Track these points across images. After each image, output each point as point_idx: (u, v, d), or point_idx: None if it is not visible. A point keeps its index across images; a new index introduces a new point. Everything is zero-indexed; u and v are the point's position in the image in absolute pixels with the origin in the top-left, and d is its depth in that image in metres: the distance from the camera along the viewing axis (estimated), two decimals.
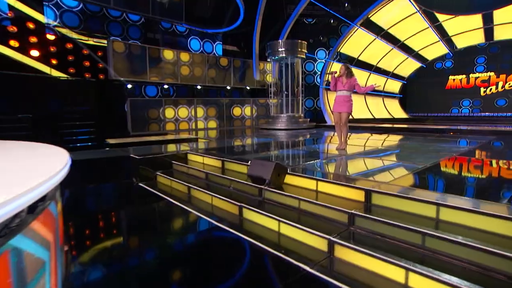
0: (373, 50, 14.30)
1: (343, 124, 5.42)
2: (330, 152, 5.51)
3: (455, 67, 16.06)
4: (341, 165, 4.45)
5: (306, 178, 3.71)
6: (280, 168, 3.85)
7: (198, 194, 4.32)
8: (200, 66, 11.72)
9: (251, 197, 3.87)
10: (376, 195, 3.01)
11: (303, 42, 11.86)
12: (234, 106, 12.60)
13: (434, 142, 6.75)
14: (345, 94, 5.27)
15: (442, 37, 14.47)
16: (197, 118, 11.61)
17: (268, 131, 11.03)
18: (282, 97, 12.41)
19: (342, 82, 5.30)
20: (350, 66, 5.42)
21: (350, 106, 5.35)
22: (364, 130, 10.31)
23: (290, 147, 6.36)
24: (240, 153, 5.66)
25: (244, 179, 4.12)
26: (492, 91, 15.13)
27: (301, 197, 3.35)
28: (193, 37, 12.28)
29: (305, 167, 4.27)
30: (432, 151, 5.28)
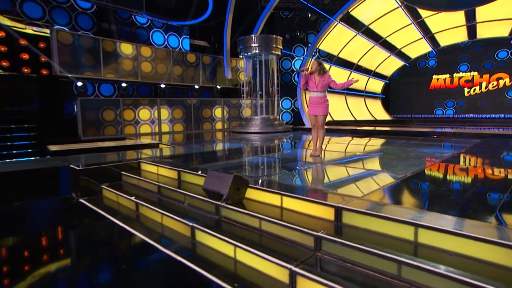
0: (354, 47, 14.39)
1: (319, 127, 5.27)
2: (304, 160, 5.32)
3: (438, 66, 16.51)
4: (312, 176, 4.23)
5: (269, 192, 3.43)
6: (240, 181, 3.55)
7: (147, 212, 3.94)
8: (164, 62, 11.34)
9: (207, 215, 3.56)
10: (347, 213, 2.77)
11: (279, 38, 11.73)
12: (203, 107, 12.30)
13: (417, 146, 6.75)
14: (320, 95, 5.10)
15: (425, 34, 14.78)
16: (161, 121, 11.18)
17: (240, 134, 10.88)
18: (256, 97, 12.17)
19: (315, 81, 5.11)
20: (322, 61, 5.22)
21: (326, 107, 5.18)
22: (345, 134, 10.35)
23: (260, 154, 6.19)
24: (204, 162, 5.39)
25: (202, 193, 3.79)
26: (476, 91, 15.64)
27: (262, 216, 3.06)
28: (155, 29, 11.90)
29: (271, 178, 4.01)
30: (414, 158, 5.18)
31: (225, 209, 3.44)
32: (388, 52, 15.53)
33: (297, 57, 14.17)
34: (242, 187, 3.60)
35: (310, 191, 3.44)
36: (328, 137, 9.01)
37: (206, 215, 3.58)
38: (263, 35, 11.69)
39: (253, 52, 11.55)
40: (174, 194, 4.16)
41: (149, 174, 5.13)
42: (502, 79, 14.94)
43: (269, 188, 3.51)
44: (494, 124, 12.99)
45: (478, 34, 14.46)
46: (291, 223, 2.84)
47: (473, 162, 5.17)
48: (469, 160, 5.26)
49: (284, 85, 13.51)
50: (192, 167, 4.74)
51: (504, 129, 10.48)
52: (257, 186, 3.62)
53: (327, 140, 8.34)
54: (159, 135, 10.72)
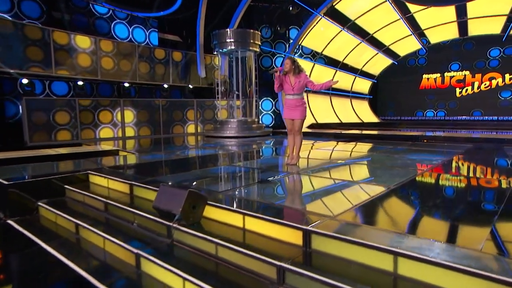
0: (339, 43, 14.43)
1: (296, 133, 5.12)
2: (279, 169, 5.14)
3: (429, 65, 16.71)
4: (283, 189, 3.99)
5: (230, 211, 3.16)
6: (197, 198, 3.25)
7: (89, 235, 3.58)
8: (128, 58, 11.03)
9: (157, 239, 3.25)
10: (317, 238, 2.52)
11: (257, 33, 11.61)
12: (173, 109, 12.05)
13: (405, 152, 6.68)
14: (296, 97, 4.95)
15: (415, 31, 14.95)
16: (125, 124, 10.82)
17: (215, 139, 10.72)
18: (233, 98, 11.91)
19: (290, 82, 4.94)
20: (296, 59, 5.05)
21: (304, 110, 5.05)
22: (329, 138, 10.29)
23: (232, 162, 6.00)
24: (166, 172, 5.13)
25: (155, 211, 3.47)
26: (468, 92, 15.90)
27: (218, 241, 2.78)
28: (118, 21, 11.53)
29: (236, 193, 3.74)
30: (400, 166, 5.05)
31: (178, 231, 3.14)
32: (376, 49, 15.64)
33: (278, 54, 14.06)
34: (199, 204, 3.30)
35: (277, 209, 3.18)
36: (311, 142, 9.06)
37: (157, 238, 3.28)
38: (240, 30, 11.53)
39: (229, 48, 11.36)
40: (123, 213, 3.82)
41: (98, 187, 4.76)
42: (494, 79, 15.24)
43: (230, 206, 3.24)
44: (487, 127, 13.19)
45: (469, 31, 14.73)
46: (252, 249, 2.57)
47: (464, 170, 5.07)
48: (460, 169, 5.17)
49: (264, 84, 13.30)
50: (148, 180, 4.42)
51: (497, 132, 10.60)
52: (217, 203, 3.33)
53: (310, 145, 8.34)
54: (123, 140, 10.36)
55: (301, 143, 5.20)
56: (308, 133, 11.50)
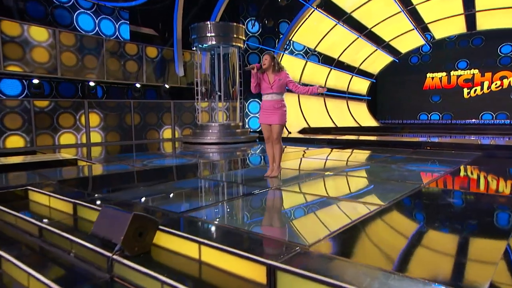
0: (334, 39, 14.37)
1: (274, 141, 4.90)
2: (255, 183, 4.84)
3: (433, 63, 16.65)
4: (256, 209, 3.68)
5: (184, 238, 2.84)
6: (144, 222, 2.91)
7: (13, 271, 3.21)
8: (94, 53, 10.81)
9: (96, 274, 2.90)
10: (283, 275, 2.21)
11: (241, 26, 11.46)
12: (147, 112, 11.82)
13: (404, 162, 6.51)
14: (275, 98, 4.73)
15: (418, 25, 14.88)
16: (89, 129, 10.52)
17: (193, 146, 10.54)
18: (214, 99, 11.63)
19: (268, 80, 4.73)
20: (275, 55, 4.83)
21: (283, 114, 4.81)
22: (322, 144, 10.14)
23: (205, 174, 5.82)
24: (122, 187, 4.86)
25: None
26: (477, 92, 15.83)
27: (164, 279, 2.45)
28: (81, 11, 11.20)
29: (197, 214, 3.42)
30: (397, 179, 4.81)
31: (119, 264, 2.79)
32: (375, 45, 15.61)
33: (266, 51, 13.82)
34: (148, 230, 2.96)
35: (241, 236, 2.86)
36: (302, 149, 9.05)
37: (95, 273, 2.93)
38: (222, 23, 11.38)
39: (209, 43, 11.18)
40: (59, 240, 3.45)
41: (38, 206, 4.39)
42: (506, 78, 15.19)
43: (185, 233, 2.90)
44: (498, 132, 13.07)
45: (478, 25, 14.68)
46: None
47: (472, 184, 4.83)
48: (467, 182, 4.94)
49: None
50: (96, 197, 4.09)
51: (510, 138, 10.47)
52: (171, 228, 3.00)
53: (301, 153, 8.32)
54: (87, 148, 10.06)
55: (281, 152, 5.01)
56: (299, 139, 11.40)
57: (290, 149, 9.20)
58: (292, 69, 13.90)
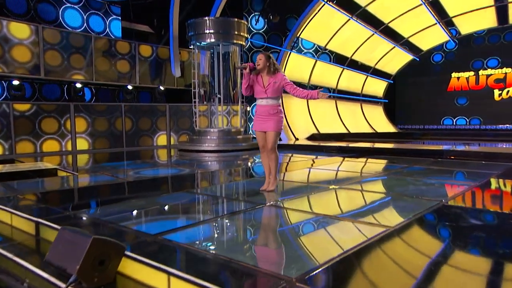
0: (346, 36, 14.26)
1: (270, 151, 4.77)
2: (249, 198, 4.71)
3: (459, 61, 16.39)
4: (243, 231, 3.47)
5: (152, 267, 2.63)
6: (106, 249, 2.69)
7: None
8: (81, 52, 10.82)
9: None
10: None
11: (242, 22, 11.34)
12: (140, 116, 11.78)
13: (423, 174, 6.30)
14: (271, 103, 4.64)
15: (441, 19, 14.61)
16: (75, 135, 10.53)
17: (190, 153, 10.48)
18: (214, 102, 11.52)
19: (263, 83, 4.62)
20: (272, 55, 4.70)
21: (279, 121, 4.72)
22: (332, 153, 10.01)
23: (196, 186, 5.74)
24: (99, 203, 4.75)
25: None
26: (509, 94, 15.51)
27: None
28: (68, 5, 11.25)
29: (173, 236, 3.21)
30: (412, 194, 4.56)
31: None
32: (392, 42, 15.43)
33: (272, 49, 13.88)
34: (111, 258, 2.74)
35: (219, 266, 2.64)
36: (311, 158, 9.02)
37: None
38: (221, 19, 11.26)
39: (208, 41, 11.03)
40: (14, 267, 3.26)
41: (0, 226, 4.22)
42: None
43: (153, 261, 2.68)
44: None
45: (511, 18, 14.33)
46: None
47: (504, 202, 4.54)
48: (496, 199, 4.66)
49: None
50: (63, 215, 3.92)
51: None
52: (139, 255, 2.79)
53: (310, 162, 8.34)
54: (73, 155, 9.99)
55: (278, 163, 4.87)
56: (307, 147, 11.30)
57: (297, 158, 9.19)
58: (300, 69, 13.96)
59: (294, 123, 13.26)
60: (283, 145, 12.01)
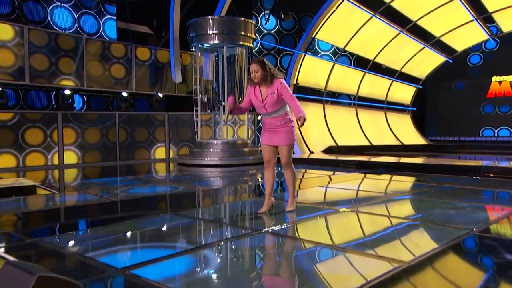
0: (368, 36, 14.17)
1: (285, 166, 4.73)
2: (246, 222, 4.67)
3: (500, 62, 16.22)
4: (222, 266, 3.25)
5: None
6: None
7: None
8: (71, 56, 10.94)
9: None
10: None
11: (250, 22, 11.31)
12: (136, 126, 11.77)
13: (453, 195, 6.19)
14: (275, 115, 4.59)
15: (478, 15, 14.38)
16: (63, 147, 10.53)
17: (191, 168, 10.49)
18: (218, 111, 11.55)
19: (261, 96, 4.55)
20: (267, 60, 4.62)
21: (291, 132, 4.64)
22: (350, 168, 9.96)
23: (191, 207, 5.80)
24: (71, 227, 4.66)
25: None
26: None
27: None
28: (57, 4, 11.37)
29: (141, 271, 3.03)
30: (437, 220, 4.43)
31: None
32: (421, 42, 15.25)
33: (285, 51, 13.95)
34: None
35: None
36: (328, 174, 9.04)
37: None
38: (226, 17, 11.25)
39: (211, 42, 10.99)
40: None
41: None
42: None
43: None
44: None
45: None
46: None
47: None
48: None
49: None
50: (19, 244, 3.80)
51: None
52: None
53: (326, 179, 8.40)
54: (59, 170, 9.98)
55: (295, 178, 4.84)
56: (323, 161, 11.19)
57: (310, 174, 9.19)
58: (316, 74, 13.92)
59: (308, 134, 13.11)
60: (295, 159, 11.49)
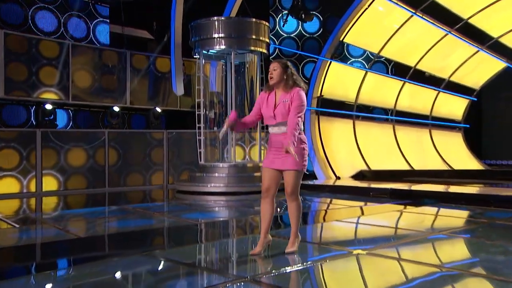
0: (408, 38, 14.08)
1: (289, 196, 4.58)
2: (233, 267, 4.50)
3: None
4: None
5: None
6: None
7: None
8: (54, 64, 11.02)
9: None
10: None
11: (263, 24, 11.24)
12: (129, 146, 11.73)
13: (510, 235, 6.01)
14: (284, 130, 4.45)
15: None
16: (42, 171, 10.45)
17: (191, 196, 10.40)
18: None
19: (274, 102, 4.48)
20: (290, 64, 4.52)
21: (301, 156, 4.44)
22: (383, 198, 9.71)
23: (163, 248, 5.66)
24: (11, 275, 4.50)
25: None
26: None
27: None
28: (40, 5, 11.56)
29: None
30: (482, 268, 4.33)
31: None
32: (475, 45, 14.87)
33: (308, 58, 13.99)
34: None
35: None
36: (359, 205, 8.90)
37: None
38: (234, 18, 11.31)
39: (216, 48, 10.96)
40: None
41: None
42: None
43: None
44: None
45: None
46: None
47: None
48: None
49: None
50: None
51: None
52: None
53: (349, 211, 8.35)
54: (37, 198, 10.01)
55: (300, 213, 4.68)
56: (352, 189, 11.00)
57: (332, 204, 9.29)
58: (344, 84, 13.81)
59: (334, 156, 12.93)
60: (317, 186, 12.01)
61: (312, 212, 8.35)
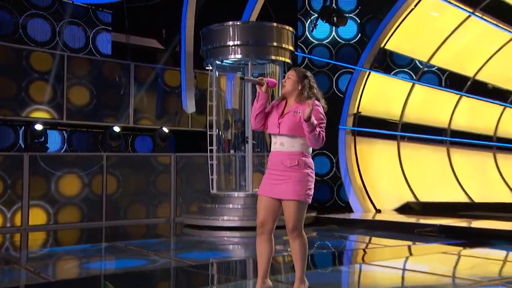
0: (465, 43, 13.96)
1: (290, 233, 4.39)
2: None
3: None
4: None
5: None
6: None
7: None
8: (45, 79, 11.17)
9: None
10: None
11: (286, 29, 11.30)
12: (132, 172, 11.76)
13: None
14: (287, 147, 4.37)
15: None
16: (29, 202, 10.45)
17: (200, 232, 10.47)
18: (243, 151, 11.55)
19: (282, 110, 4.44)
20: (311, 75, 4.47)
21: (304, 181, 4.32)
22: (431, 237, 9.53)
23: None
24: None
25: None
26: None
27: None
28: (33, 12, 11.79)
29: None
30: None
31: None
32: None
33: (343, 68, 14.00)
34: None
35: None
36: (405, 244, 8.93)
37: None
38: (251, 23, 11.45)
39: (231, 57, 11.01)
40: None
41: None
42: None
43: None
44: None
45: None
46: None
47: None
48: None
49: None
50: None
51: None
52: None
53: (385, 251, 8.35)
54: (21, 233, 10.06)
55: (306, 253, 4.49)
56: (395, 225, 10.70)
57: (376, 243, 9.30)
58: (386, 98, 13.75)
59: (373, 185, 12.76)
60: (352, 220, 12.03)
61: (343, 252, 8.24)
